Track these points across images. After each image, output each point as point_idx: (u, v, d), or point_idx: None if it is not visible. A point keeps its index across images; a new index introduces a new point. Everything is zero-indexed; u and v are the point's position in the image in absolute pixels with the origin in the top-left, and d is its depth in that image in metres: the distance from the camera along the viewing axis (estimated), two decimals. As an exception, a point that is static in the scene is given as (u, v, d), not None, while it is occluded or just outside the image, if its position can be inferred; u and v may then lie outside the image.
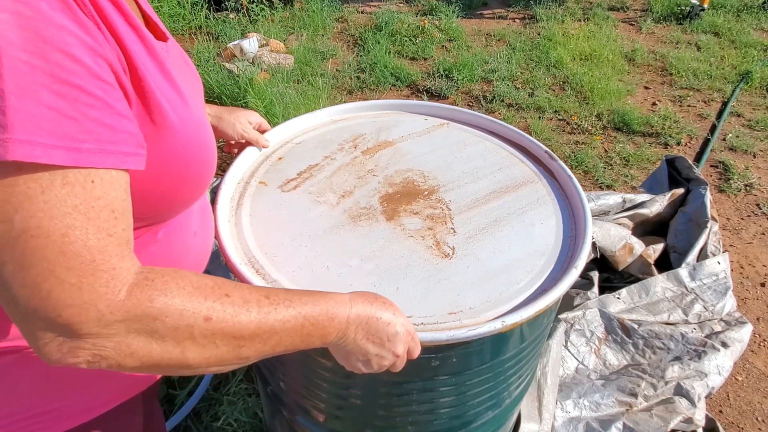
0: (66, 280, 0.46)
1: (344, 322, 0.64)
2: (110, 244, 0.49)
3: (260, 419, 1.60)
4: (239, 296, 0.56)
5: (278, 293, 0.60)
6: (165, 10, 4.02)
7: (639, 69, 4.02)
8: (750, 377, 1.84)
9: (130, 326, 0.49)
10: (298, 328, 0.60)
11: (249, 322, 0.55)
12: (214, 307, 0.53)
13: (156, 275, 0.51)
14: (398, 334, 0.69)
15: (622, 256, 1.92)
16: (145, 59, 0.57)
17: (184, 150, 0.62)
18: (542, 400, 1.48)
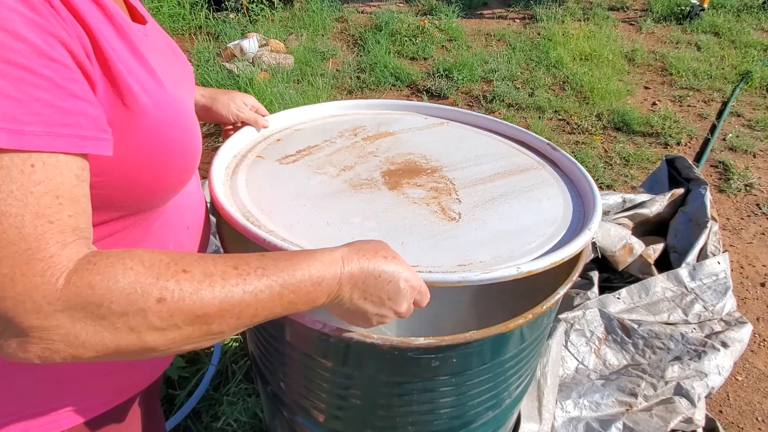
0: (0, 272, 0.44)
1: (335, 283, 0.59)
2: (49, 231, 0.45)
3: (260, 419, 1.60)
4: (200, 270, 0.51)
5: (249, 261, 0.54)
6: (165, 10, 4.02)
7: (639, 69, 4.02)
8: (750, 377, 1.84)
9: (74, 316, 0.46)
10: (275, 298, 0.55)
11: (212, 298, 0.50)
12: (167, 286, 0.49)
13: (100, 258, 0.48)
14: (400, 291, 0.64)
15: (622, 256, 1.92)
16: (113, 40, 0.55)
17: (162, 133, 0.59)
18: (542, 400, 1.48)
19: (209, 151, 2.84)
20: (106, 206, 0.58)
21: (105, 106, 0.53)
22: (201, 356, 1.77)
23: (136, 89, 0.55)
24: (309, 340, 0.83)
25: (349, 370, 0.84)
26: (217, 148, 1.02)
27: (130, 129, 0.55)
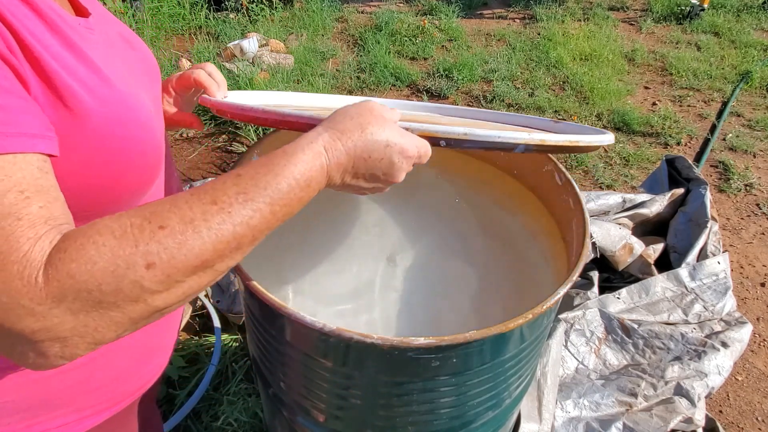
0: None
1: (323, 177, 0.56)
2: (19, 229, 0.43)
3: (260, 419, 1.60)
4: (178, 221, 0.46)
5: (227, 190, 0.49)
6: (165, 10, 4.02)
7: (639, 69, 4.02)
8: (750, 377, 1.84)
9: (71, 308, 0.43)
10: (268, 217, 0.51)
11: (203, 244, 0.47)
12: (149, 250, 0.45)
13: (68, 242, 0.44)
14: (394, 165, 0.59)
15: (622, 256, 1.93)
16: (44, 37, 0.51)
17: (116, 133, 0.55)
18: (542, 400, 1.48)
19: (209, 151, 2.84)
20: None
21: (44, 109, 0.50)
22: (201, 356, 1.77)
23: (76, 89, 0.52)
24: (309, 340, 0.83)
25: (349, 370, 0.84)
26: (218, 147, 1.01)
27: (77, 131, 0.52)
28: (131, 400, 0.78)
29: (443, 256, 1.15)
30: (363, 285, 1.08)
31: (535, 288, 1.07)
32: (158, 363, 0.82)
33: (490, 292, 1.08)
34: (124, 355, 0.73)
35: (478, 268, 1.12)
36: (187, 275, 0.47)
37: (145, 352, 0.77)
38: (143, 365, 0.78)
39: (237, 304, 1.87)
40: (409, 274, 1.11)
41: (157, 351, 0.81)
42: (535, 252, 1.14)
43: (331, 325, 0.73)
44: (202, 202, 0.48)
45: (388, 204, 1.26)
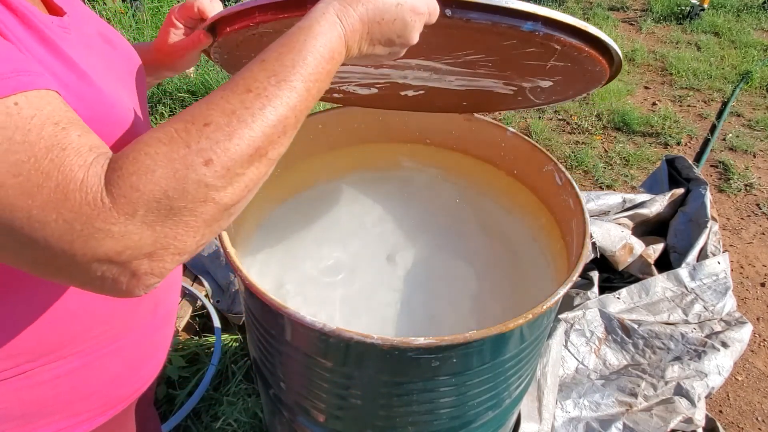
0: (47, 220, 0.42)
1: (343, 47, 0.55)
2: (67, 158, 0.43)
3: (260, 419, 1.60)
4: (219, 114, 0.46)
5: (257, 77, 0.49)
6: (165, 10, 4.02)
7: (639, 69, 4.02)
8: (750, 377, 1.84)
9: (145, 221, 0.43)
10: (304, 95, 0.50)
11: (252, 131, 0.47)
12: (202, 147, 0.45)
13: (120, 160, 0.44)
14: (407, 25, 0.58)
15: (622, 256, 1.93)
16: (15, 29, 0.50)
17: (91, 128, 0.54)
18: (542, 400, 1.48)
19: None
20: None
21: None
22: (201, 356, 1.77)
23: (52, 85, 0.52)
24: (309, 340, 0.83)
25: (349, 370, 0.84)
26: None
27: None
28: (126, 404, 0.77)
29: (443, 256, 1.15)
30: (363, 285, 1.08)
31: (535, 288, 1.07)
32: (153, 366, 0.81)
33: (490, 292, 1.08)
34: (118, 360, 0.72)
35: (478, 268, 1.12)
36: (245, 166, 0.47)
37: (140, 356, 0.77)
38: (138, 369, 0.77)
39: (237, 304, 1.87)
40: (409, 274, 1.11)
41: (152, 355, 0.80)
42: (535, 252, 1.14)
43: (331, 325, 0.73)
44: (237, 92, 0.48)
45: (389, 204, 1.26)
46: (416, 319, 1.02)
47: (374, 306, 1.04)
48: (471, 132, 1.27)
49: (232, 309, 1.87)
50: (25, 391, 0.64)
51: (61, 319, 0.63)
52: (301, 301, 1.04)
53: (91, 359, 0.68)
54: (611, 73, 0.80)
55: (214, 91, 0.49)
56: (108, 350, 0.70)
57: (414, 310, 1.04)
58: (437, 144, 1.33)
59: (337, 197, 1.27)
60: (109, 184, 0.43)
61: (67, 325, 0.64)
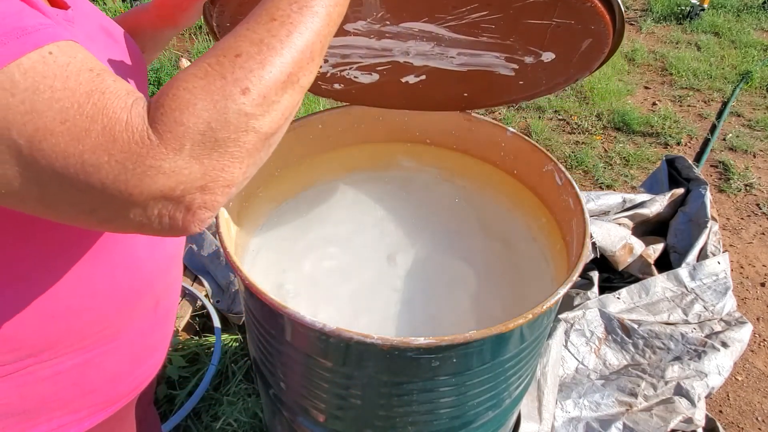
0: (100, 162, 0.43)
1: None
2: (108, 101, 0.44)
3: (260, 419, 1.60)
4: (248, 44, 0.48)
5: (278, 4, 0.50)
6: (165, 10, 4.01)
7: (639, 69, 4.02)
8: (750, 377, 1.84)
9: (193, 154, 0.45)
10: (326, 20, 0.52)
11: (282, 58, 0.48)
12: (237, 77, 0.46)
13: (161, 98, 0.46)
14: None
15: (622, 256, 1.93)
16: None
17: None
18: (542, 400, 1.48)
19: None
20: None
21: None
22: (201, 356, 1.77)
23: None
24: (309, 340, 0.83)
25: (349, 370, 0.84)
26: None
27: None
28: (127, 401, 0.77)
29: (443, 256, 1.15)
30: (363, 285, 1.08)
31: (535, 288, 1.07)
32: (153, 363, 0.82)
33: (490, 292, 1.08)
34: (118, 356, 0.72)
35: (478, 267, 1.12)
36: (279, 93, 0.48)
37: (140, 352, 0.77)
38: (138, 366, 0.78)
39: (237, 304, 1.87)
40: (409, 274, 1.11)
41: (152, 351, 0.81)
42: (535, 252, 1.14)
43: (331, 325, 0.73)
44: (261, 22, 0.49)
45: (389, 204, 1.26)
46: (416, 319, 1.02)
47: (374, 306, 1.04)
48: (471, 132, 1.27)
49: (232, 309, 1.87)
50: (26, 387, 0.64)
51: (63, 315, 0.63)
52: (301, 301, 1.04)
53: (92, 356, 0.68)
54: (614, 36, 0.80)
55: (239, 24, 0.50)
56: (109, 347, 0.70)
57: (414, 310, 1.03)
58: (437, 144, 1.33)
59: (337, 197, 1.27)
60: (153, 122, 0.44)
61: (68, 320, 0.64)
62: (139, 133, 0.44)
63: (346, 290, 1.07)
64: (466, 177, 1.31)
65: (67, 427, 0.70)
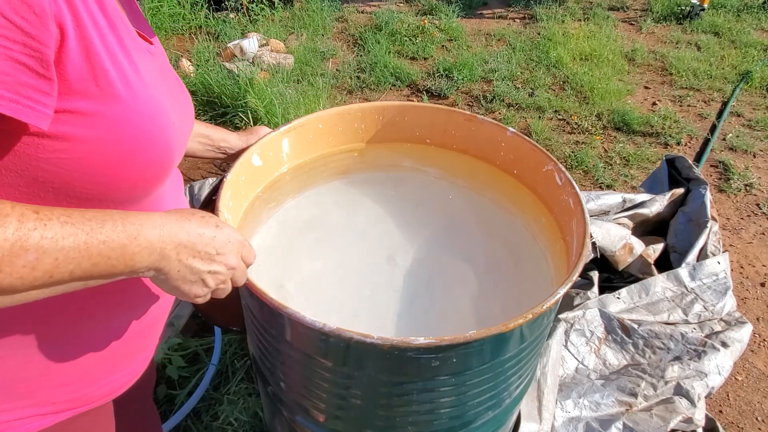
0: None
1: (156, 241, 0.57)
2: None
3: (260, 419, 1.60)
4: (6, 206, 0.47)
5: (53, 209, 0.50)
6: (165, 10, 4.02)
7: (639, 69, 4.02)
8: (750, 377, 1.84)
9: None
10: (81, 248, 0.51)
11: (4, 240, 0.46)
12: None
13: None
14: (228, 243, 0.64)
15: (622, 256, 1.93)
16: (101, 25, 0.56)
17: (133, 123, 0.59)
18: (542, 400, 1.48)
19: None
20: (65, 190, 0.57)
21: (74, 80, 0.53)
22: (201, 356, 1.77)
23: (111, 73, 0.56)
24: (309, 340, 0.83)
25: (349, 370, 0.84)
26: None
27: (99, 111, 0.55)
28: (97, 404, 0.76)
29: (443, 256, 1.15)
30: (363, 285, 1.08)
31: (535, 288, 1.06)
32: (131, 371, 0.80)
33: (490, 292, 1.08)
34: (93, 357, 0.72)
35: (478, 267, 1.12)
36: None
37: (120, 357, 0.76)
38: (115, 371, 0.76)
39: (237, 303, 1.87)
40: (409, 274, 1.11)
41: (133, 358, 0.80)
42: (535, 252, 1.14)
43: (331, 325, 0.73)
44: (26, 207, 0.49)
45: (389, 204, 1.26)
46: (416, 319, 1.02)
47: (374, 306, 1.04)
48: (471, 132, 1.27)
49: (232, 309, 1.87)
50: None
51: (40, 309, 0.62)
52: (301, 301, 1.04)
53: (57, 349, 0.67)
54: None
55: (18, 203, 0.50)
56: (80, 344, 0.69)
57: (414, 310, 1.03)
58: (437, 144, 1.33)
59: (337, 197, 1.27)
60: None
61: (46, 315, 0.64)
62: None
63: (346, 290, 1.07)
64: (466, 177, 1.30)
65: (28, 421, 0.68)
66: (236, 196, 1.06)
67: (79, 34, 0.52)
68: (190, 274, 0.62)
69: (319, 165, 1.28)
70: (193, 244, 0.61)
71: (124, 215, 0.56)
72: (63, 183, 0.56)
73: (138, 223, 0.56)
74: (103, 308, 0.69)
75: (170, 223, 0.59)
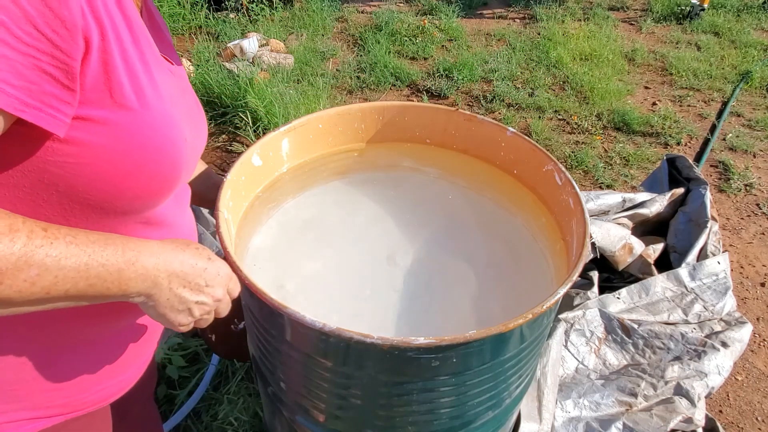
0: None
1: (151, 268, 0.60)
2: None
3: (260, 419, 1.60)
4: (6, 224, 0.49)
5: (60, 228, 0.53)
6: (165, 10, 4.02)
7: (639, 69, 4.02)
8: (750, 377, 1.84)
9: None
10: (81, 269, 0.53)
11: (10, 254, 0.48)
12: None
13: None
14: (218, 276, 0.68)
15: (622, 256, 1.92)
16: (124, 39, 0.57)
17: (143, 134, 0.60)
18: (542, 400, 1.48)
19: (209, 151, 2.84)
20: (68, 194, 0.58)
21: (90, 90, 0.54)
22: (201, 356, 1.77)
23: (126, 86, 0.57)
24: (309, 340, 0.83)
25: (349, 370, 0.84)
26: (218, 147, 1.02)
27: (110, 119, 0.56)
28: (92, 409, 0.76)
29: (443, 256, 1.15)
30: (363, 285, 1.08)
31: (535, 288, 1.06)
32: (128, 376, 0.80)
33: (490, 292, 1.08)
34: (87, 363, 0.72)
35: (478, 267, 1.12)
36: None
37: (115, 363, 0.76)
38: (111, 377, 0.76)
39: (237, 303, 1.87)
40: (409, 274, 1.11)
41: (129, 364, 0.80)
42: (535, 252, 1.14)
43: (331, 325, 0.73)
44: (36, 224, 0.51)
45: (388, 204, 1.26)
46: (416, 319, 1.02)
47: (374, 306, 1.04)
48: (471, 132, 1.27)
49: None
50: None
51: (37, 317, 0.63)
52: (301, 301, 1.04)
53: (59, 357, 0.68)
54: None
55: (27, 218, 0.52)
56: (74, 350, 0.69)
57: (414, 310, 1.03)
58: (437, 144, 1.33)
59: (337, 197, 1.27)
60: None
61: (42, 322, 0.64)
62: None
63: (346, 290, 1.07)
64: (466, 177, 1.30)
65: (21, 424, 0.68)
66: (236, 196, 1.06)
67: (101, 47, 0.54)
68: (178, 303, 0.64)
69: (319, 165, 1.28)
70: (185, 274, 0.64)
71: (125, 240, 0.58)
72: (67, 187, 0.57)
73: (137, 249, 0.59)
74: (99, 315, 0.69)
75: (166, 252, 0.62)
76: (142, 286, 0.59)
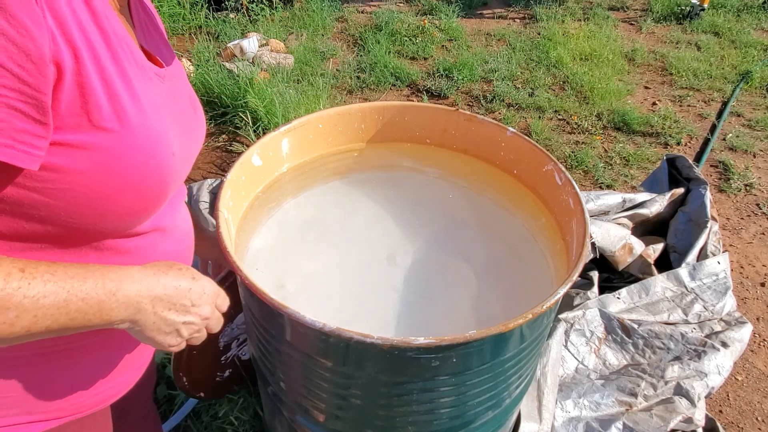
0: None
1: (133, 296, 0.60)
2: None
3: (260, 418, 1.60)
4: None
5: (38, 266, 0.53)
6: (165, 10, 4.02)
7: (639, 69, 4.02)
8: (750, 377, 1.84)
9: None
10: (61, 305, 0.53)
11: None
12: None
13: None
14: (204, 295, 0.67)
15: (622, 256, 1.92)
16: (102, 57, 0.55)
17: (124, 157, 0.58)
18: (542, 400, 1.48)
19: (209, 151, 2.84)
20: (50, 218, 0.57)
21: (66, 115, 0.53)
22: (201, 356, 1.77)
23: (105, 108, 0.55)
24: (309, 340, 0.83)
25: (349, 370, 0.84)
26: (218, 147, 1.01)
27: (89, 143, 0.55)
28: (90, 412, 0.76)
29: (443, 256, 1.15)
30: (363, 285, 1.08)
31: (535, 288, 1.07)
32: (126, 379, 0.80)
33: (490, 292, 1.08)
34: (84, 367, 0.72)
35: (478, 267, 1.12)
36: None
37: (113, 367, 0.76)
38: (108, 380, 0.76)
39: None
40: (409, 274, 1.11)
41: (127, 368, 0.79)
42: (535, 252, 1.14)
43: (331, 325, 0.73)
44: (13, 264, 0.52)
45: (388, 204, 1.26)
46: (416, 319, 1.02)
47: (374, 306, 1.04)
48: (471, 132, 1.27)
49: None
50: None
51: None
52: (301, 301, 1.04)
53: (56, 362, 0.68)
54: None
55: (9, 258, 0.52)
56: (71, 356, 0.69)
57: (414, 310, 1.03)
58: (437, 144, 1.33)
59: (337, 197, 1.27)
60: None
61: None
62: None
63: (346, 290, 1.07)
64: (466, 177, 1.31)
65: (19, 428, 0.68)
66: (236, 196, 1.06)
67: (76, 70, 0.52)
68: (164, 325, 0.64)
69: (318, 165, 1.28)
70: (168, 297, 0.63)
71: (105, 271, 0.58)
72: (48, 212, 0.56)
73: (117, 279, 0.59)
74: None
75: (147, 277, 0.62)
76: (125, 314, 0.59)
